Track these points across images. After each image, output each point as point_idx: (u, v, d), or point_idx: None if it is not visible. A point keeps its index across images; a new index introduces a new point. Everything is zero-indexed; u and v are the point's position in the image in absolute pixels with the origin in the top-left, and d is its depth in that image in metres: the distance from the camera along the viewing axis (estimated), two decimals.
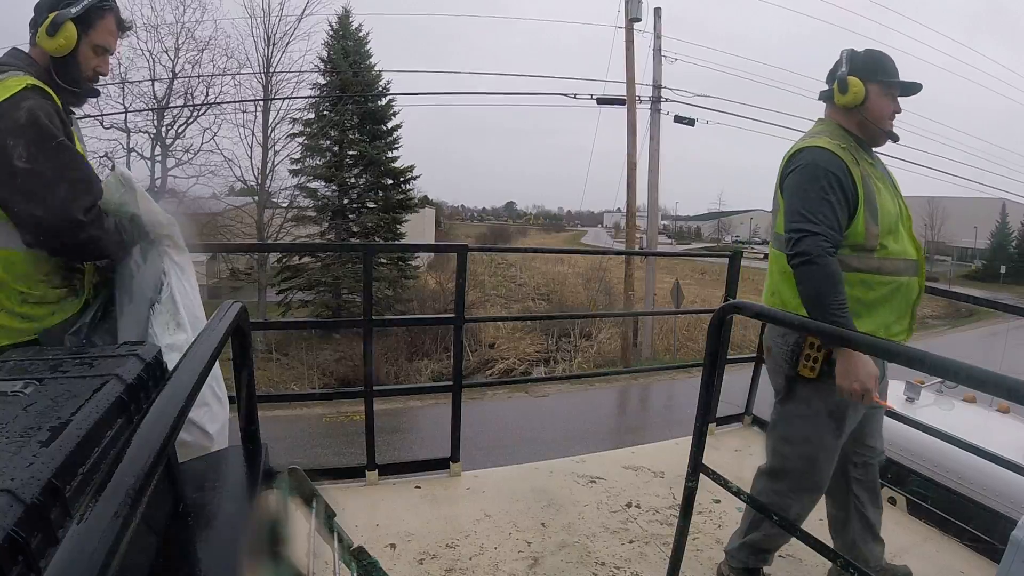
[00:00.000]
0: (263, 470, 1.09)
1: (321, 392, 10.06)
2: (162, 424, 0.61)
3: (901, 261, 1.53)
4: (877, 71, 1.54)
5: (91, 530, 0.46)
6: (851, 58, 1.57)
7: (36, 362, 0.88)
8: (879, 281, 1.51)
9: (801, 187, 1.49)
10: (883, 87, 1.54)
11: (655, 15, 13.48)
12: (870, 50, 1.58)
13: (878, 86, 1.54)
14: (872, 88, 1.54)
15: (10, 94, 1.21)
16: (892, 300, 1.53)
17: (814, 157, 1.49)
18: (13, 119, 1.20)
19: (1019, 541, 1.25)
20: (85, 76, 1.38)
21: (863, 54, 1.58)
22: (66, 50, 1.32)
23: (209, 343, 0.83)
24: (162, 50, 15.35)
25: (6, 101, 1.21)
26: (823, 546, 1.39)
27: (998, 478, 2.53)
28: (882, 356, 1.40)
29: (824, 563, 1.45)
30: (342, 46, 16.72)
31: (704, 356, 1.59)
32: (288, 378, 13.11)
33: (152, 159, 15.58)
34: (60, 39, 1.30)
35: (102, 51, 1.39)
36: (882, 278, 1.51)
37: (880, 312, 1.53)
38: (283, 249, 15.81)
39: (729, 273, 2.89)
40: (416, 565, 1.84)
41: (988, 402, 3.58)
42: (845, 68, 1.56)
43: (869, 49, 1.59)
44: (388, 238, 16.48)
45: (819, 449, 1.56)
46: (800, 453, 1.59)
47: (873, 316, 1.52)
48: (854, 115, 1.57)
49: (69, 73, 1.35)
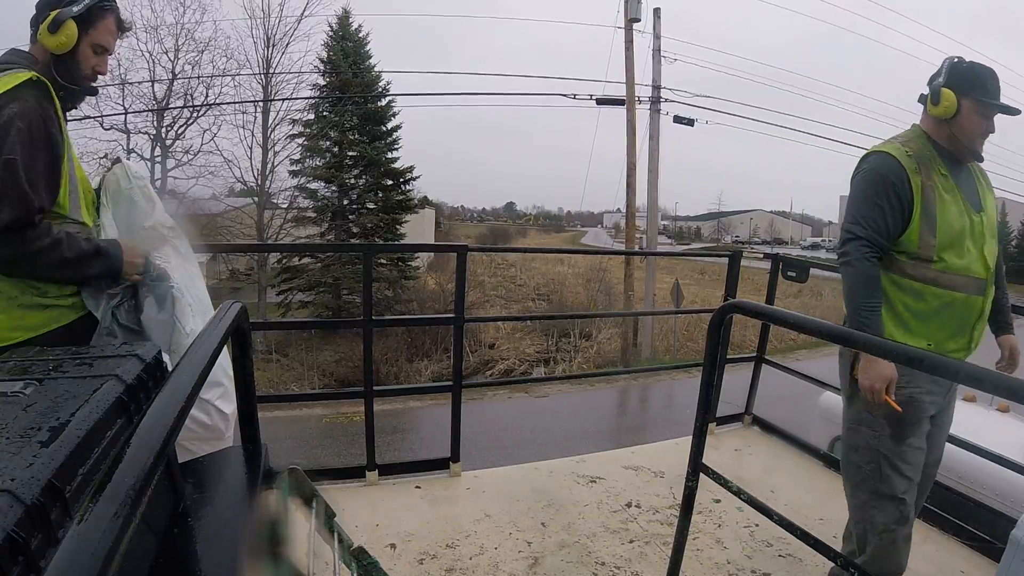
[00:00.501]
0: (263, 470, 1.09)
1: (321, 392, 10.06)
2: (162, 424, 0.61)
3: (960, 277, 1.50)
4: (975, 87, 1.49)
5: (91, 530, 0.46)
6: (951, 69, 1.52)
7: (36, 362, 0.88)
8: (932, 293, 1.50)
9: (859, 190, 1.52)
10: (978, 105, 1.49)
11: (654, 15, 13.48)
12: (973, 64, 1.53)
13: (973, 103, 1.49)
14: (966, 103, 1.49)
15: (6, 88, 1.23)
16: (944, 314, 1.51)
17: (876, 162, 1.51)
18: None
19: (1019, 540, 1.25)
20: (84, 75, 1.39)
21: (965, 67, 1.52)
22: (67, 48, 1.33)
23: (209, 343, 0.83)
24: (162, 51, 15.34)
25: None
26: (823, 546, 1.39)
27: (998, 477, 2.53)
28: (881, 356, 1.40)
29: (824, 563, 1.45)
30: (342, 47, 16.72)
31: (704, 356, 1.59)
32: (288, 378, 13.10)
33: (152, 160, 15.55)
34: (61, 36, 1.32)
35: (101, 50, 1.40)
36: (936, 290, 1.50)
37: (931, 325, 1.52)
38: (283, 250, 15.80)
39: (729, 273, 2.89)
40: (416, 565, 1.84)
41: (988, 401, 3.58)
42: (942, 79, 1.52)
43: (973, 63, 1.53)
44: (388, 239, 16.46)
45: (880, 453, 1.53)
46: (865, 459, 1.56)
47: (924, 328, 1.52)
48: (943, 127, 1.54)
49: (69, 71, 1.36)
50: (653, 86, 13.40)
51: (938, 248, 1.48)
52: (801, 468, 2.61)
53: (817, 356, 13.76)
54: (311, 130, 16.51)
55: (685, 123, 13.55)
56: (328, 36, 16.93)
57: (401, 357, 13.73)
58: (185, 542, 0.89)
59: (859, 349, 1.37)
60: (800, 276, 2.86)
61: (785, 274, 2.88)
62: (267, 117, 15.92)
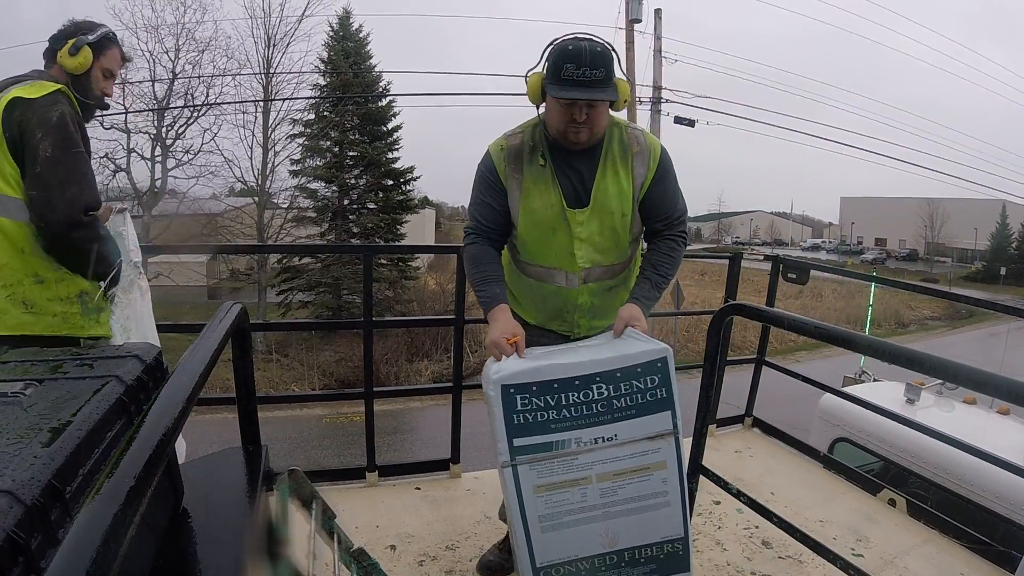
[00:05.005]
0: (263, 471, 1.09)
1: (321, 393, 10.04)
2: (162, 424, 0.61)
3: (542, 268, 1.56)
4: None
5: (91, 530, 0.46)
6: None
7: (36, 363, 0.89)
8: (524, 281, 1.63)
9: None
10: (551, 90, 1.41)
11: (656, 16, 13.48)
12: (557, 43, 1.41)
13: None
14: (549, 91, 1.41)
15: (47, 92, 1.46)
16: (538, 300, 1.61)
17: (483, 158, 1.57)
18: (47, 115, 1.43)
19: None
20: (95, 95, 1.63)
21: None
22: (83, 69, 1.58)
23: (209, 344, 0.83)
24: (162, 51, 15.34)
25: (44, 97, 1.45)
26: (823, 548, 1.39)
27: (998, 480, 2.53)
28: (881, 356, 1.40)
29: (824, 563, 1.45)
30: (342, 47, 16.73)
31: (704, 357, 1.59)
32: (288, 379, 13.10)
33: (152, 160, 15.56)
34: (80, 58, 1.56)
35: (109, 75, 1.66)
36: (527, 280, 1.62)
37: (534, 306, 1.64)
38: (283, 250, 15.81)
39: (729, 274, 2.89)
40: (416, 567, 1.84)
41: (988, 404, 3.58)
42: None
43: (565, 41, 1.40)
44: (388, 239, 16.46)
45: None
46: None
47: (530, 308, 1.64)
48: None
49: (84, 90, 1.59)
50: (654, 87, 13.39)
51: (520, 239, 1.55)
52: (801, 470, 2.61)
53: (817, 357, 13.77)
54: (311, 130, 16.51)
55: (686, 124, 13.54)
56: (329, 36, 16.95)
57: (401, 357, 13.72)
58: (185, 542, 0.89)
59: (858, 351, 1.37)
60: (800, 278, 2.86)
61: (786, 276, 2.88)
62: (267, 117, 15.92)
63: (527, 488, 1.36)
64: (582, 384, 1.35)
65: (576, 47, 1.36)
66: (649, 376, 1.36)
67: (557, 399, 1.34)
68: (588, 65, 1.34)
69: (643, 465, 1.37)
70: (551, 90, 1.39)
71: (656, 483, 1.38)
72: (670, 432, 1.37)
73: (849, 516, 2.21)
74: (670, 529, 1.40)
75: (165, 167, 15.70)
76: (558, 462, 1.36)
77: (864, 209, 44.37)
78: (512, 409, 1.34)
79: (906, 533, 2.12)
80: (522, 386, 1.34)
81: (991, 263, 34.41)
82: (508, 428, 1.35)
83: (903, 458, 3.17)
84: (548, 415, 1.34)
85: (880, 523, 2.18)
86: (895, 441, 3.20)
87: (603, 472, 1.36)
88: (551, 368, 1.35)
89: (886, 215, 41.61)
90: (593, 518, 1.38)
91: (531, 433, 1.35)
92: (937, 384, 3.65)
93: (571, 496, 1.37)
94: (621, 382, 1.35)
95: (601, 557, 1.40)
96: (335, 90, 16.54)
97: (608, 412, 1.35)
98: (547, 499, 1.37)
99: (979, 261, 36.31)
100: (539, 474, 1.36)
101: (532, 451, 1.35)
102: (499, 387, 1.34)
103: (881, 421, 2.67)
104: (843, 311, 19.73)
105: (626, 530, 1.39)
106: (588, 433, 1.35)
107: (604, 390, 1.35)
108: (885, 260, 38.67)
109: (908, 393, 3.58)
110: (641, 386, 1.36)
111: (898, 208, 39.54)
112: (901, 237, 40.97)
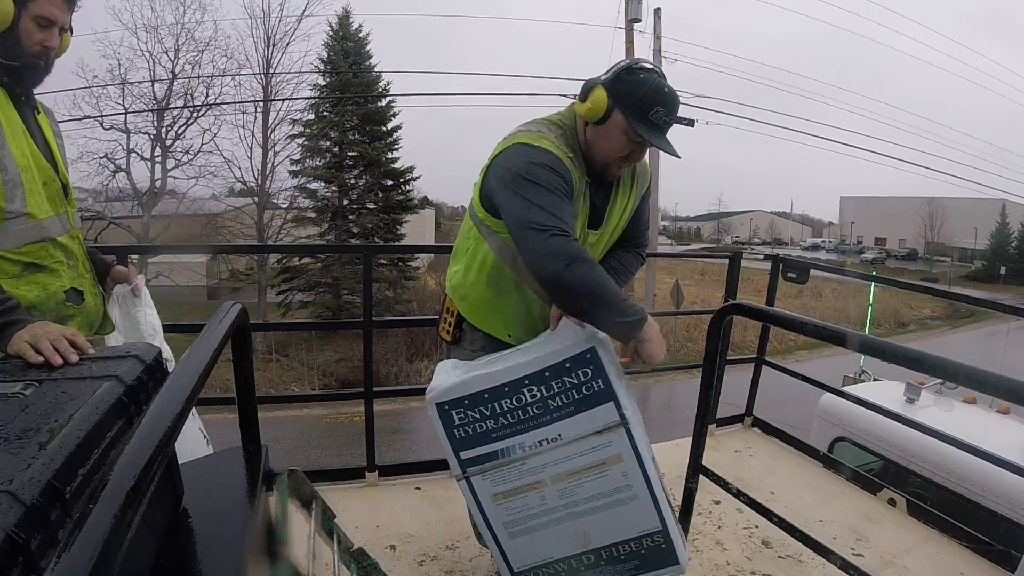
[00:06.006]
0: (263, 471, 1.09)
1: (321, 393, 10.05)
2: (162, 424, 0.61)
3: None
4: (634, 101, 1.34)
5: (91, 530, 0.46)
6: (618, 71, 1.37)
7: None
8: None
9: None
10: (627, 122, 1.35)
11: (655, 16, 13.50)
12: (647, 76, 1.36)
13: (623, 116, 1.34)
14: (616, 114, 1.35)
15: None
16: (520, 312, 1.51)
17: None
18: None
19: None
20: (29, 51, 1.24)
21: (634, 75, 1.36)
22: (4, 24, 1.18)
23: (209, 344, 0.83)
24: (162, 51, 15.32)
25: None
26: (823, 548, 1.40)
27: (998, 479, 2.53)
28: (881, 356, 1.40)
29: (824, 563, 1.45)
30: (342, 47, 16.72)
31: (704, 357, 1.59)
32: (288, 379, 13.11)
33: (152, 160, 15.55)
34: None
35: (47, 23, 1.23)
36: None
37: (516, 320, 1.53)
38: (283, 251, 15.79)
39: (729, 274, 2.89)
40: (416, 567, 1.84)
41: (988, 403, 3.59)
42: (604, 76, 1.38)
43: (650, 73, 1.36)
44: (388, 239, 16.45)
45: None
46: None
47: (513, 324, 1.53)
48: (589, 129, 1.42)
49: (10, 49, 1.22)
50: None
51: None
52: (801, 470, 2.61)
53: (817, 357, 13.77)
54: (311, 130, 16.50)
55: (685, 124, 13.48)
56: (328, 36, 16.94)
57: (401, 357, 13.73)
58: (185, 542, 0.89)
59: (857, 351, 1.37)
60: (800, 277, 2.86)
61: (785, 275, 2.88)
62: (267, 117, 15.92)
63: (484, 497, 1.37)
64: (512, 389, 1.31)
65: (672, 92, 1.34)
66: (580, 370, 1.29)
67: (491, 408, 1.32)
68: (674, 114, 1.34)
69: (597, 461, 1.33)
70: (639, 128, 1.32)
71: (616, 478, 1.33)
72: (618, 423, 1.30)
73: (849, 516, 2.21)
74: (644, 523, 1.36)
75: (165, 167, 15.69)
76: (508, 469, 1.34)
77: (864, 208, 44.43)
78: (451, 425, 1.34)
79: (906, 532, 2.12)
80: (454, 401, 1.33)
81: (991, 262, 34.45)
82: (452, 443, 1.35)
83: (903, 457, 3.17)
84: (486, 425, 1.33)
85: (880, 523, 2.18)
86: (895, 440, 3.20)
87: (557, 473, 1.34)
88: (477, 379, 1.32)
89: (886, 214, 41.67)
90: (559, 519, 1.37)
91: (474, 445, 1.34)
92: (937, 383, 3.66)
93: (530, 501, 1.36)
94: (552, 380, 1.30)
95: (577, 557, 1.38)
96: (335, 90, 16.53)
97: (546, 413, 1.31)
98: (507, 506, 1.37)
99: (979, 260, 36.35)
100: (493, 483, 1.36)
101: (480, 462, 1.35)
102: (433, 406, 1.34)
103: (881, 420, 2.66)
104: (843, 311, 19.75)
105: (596, 528, 1.36)
106: (530, 437, 1.32)
107: (536, 392, 1.30)
108: (885, 259, 38.72)
109: (908, 392, 3.58)
110: (574, 381, 1.29)
111: (898, 207, 39.60)
112: (901, 236, 41.03)
